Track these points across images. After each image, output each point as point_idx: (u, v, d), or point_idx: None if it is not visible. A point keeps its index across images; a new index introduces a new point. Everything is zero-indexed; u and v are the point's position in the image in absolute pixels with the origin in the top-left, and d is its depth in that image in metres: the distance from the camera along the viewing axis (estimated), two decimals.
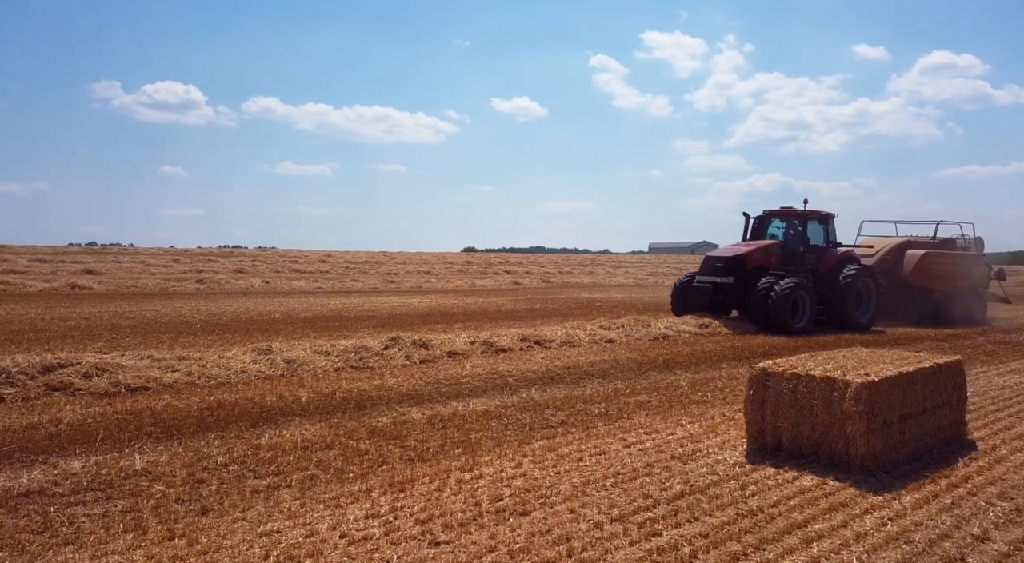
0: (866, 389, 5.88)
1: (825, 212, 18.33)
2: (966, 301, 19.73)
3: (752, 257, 16.95)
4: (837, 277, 17.07)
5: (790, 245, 17.75)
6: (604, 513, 4.94)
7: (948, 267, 19.69)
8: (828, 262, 17.55)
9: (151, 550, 4.28)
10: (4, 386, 8.11)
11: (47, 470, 5.69)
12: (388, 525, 4.68)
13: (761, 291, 15.99)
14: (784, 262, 17.35)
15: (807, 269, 17.27)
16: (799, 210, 17.88)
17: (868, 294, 17.77)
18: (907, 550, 4.41)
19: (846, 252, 18.03)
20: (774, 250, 17.45)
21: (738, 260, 16.88)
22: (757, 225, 18.26)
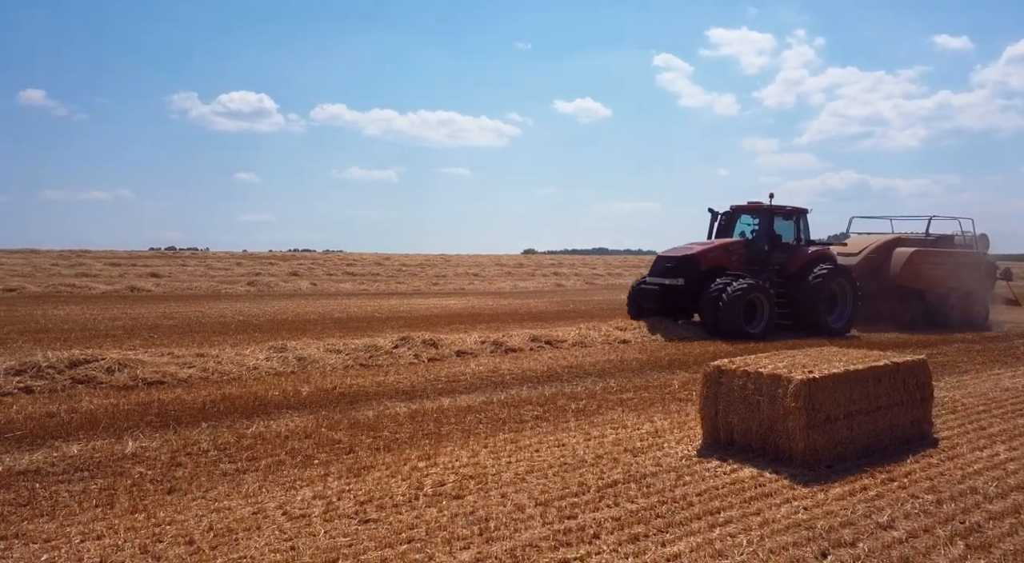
0: (805, 386, 6.07)
1: (796, 207, 17.04)
2: (964, 303, 18.46)
3: (706, 257, 15.68)
4: (807, 277, 15.85)
5: (758, 243, 16.45)
6: (532, 498, 5.29)
7: (942, 266, 18.37)
8: (798, 261, 16.32)
9: (112, 521, 4.82)
10: (34, 378, 8.89)
11: (48, 453, 6.34)
12: (329, 505, 5.14)
13: (712, 294, 14.79)
14: (749, 262, 16.12)
15: (774, 269, 16.07)
16: (767, 205, 16.47)
17: (844, 297, 16.51)
18: (803, 535, 4.63)
19: (818, 251, 16.77)
20: (735, 249, 16.21)
21: (689, 261, 15.55)
22: (724, 222, 17.04)
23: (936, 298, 18.18)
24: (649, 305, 15.78)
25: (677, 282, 15.32)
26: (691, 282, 15.22)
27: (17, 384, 8.73)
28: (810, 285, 15.69)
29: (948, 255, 18.90)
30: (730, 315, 14.48)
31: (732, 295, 14.52)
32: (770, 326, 15.16)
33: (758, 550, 4.39)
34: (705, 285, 15.10)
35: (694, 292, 15.11)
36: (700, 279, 15.21)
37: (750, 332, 14.68)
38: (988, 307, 19.27)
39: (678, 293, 15.34)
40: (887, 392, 6.76)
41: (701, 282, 15.13)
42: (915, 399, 7.08)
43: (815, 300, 15.69)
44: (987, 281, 19.62)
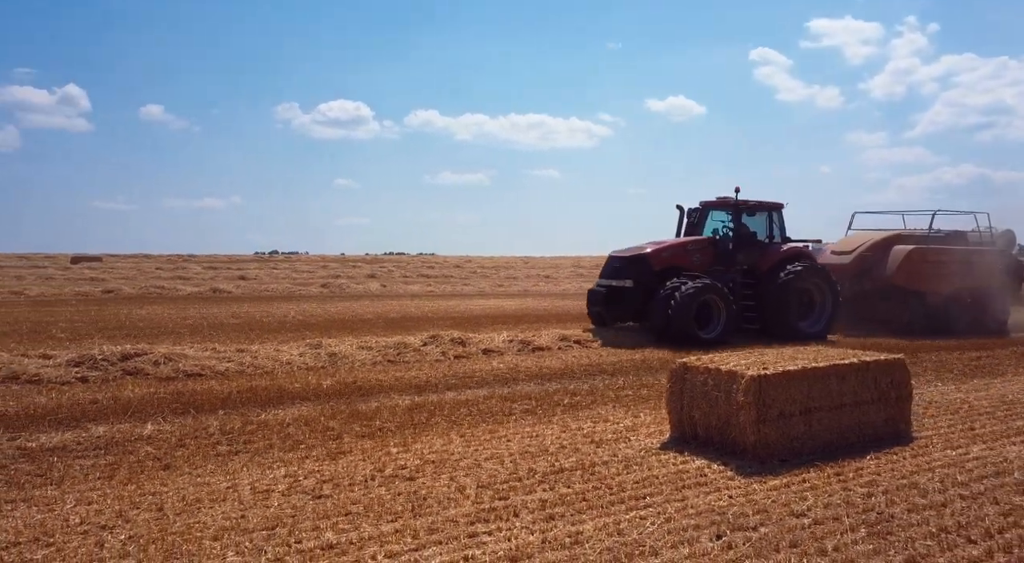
0: (755, 382, 6.29)
1: (769, 202, 15.95)
2: (976, 306, 17.04)
3: (659, 257, 14.58)
4: (777, 277, 14.78)
5: (724, 241, 15.49)
6: (477, 481, 5.75)
7: (947, 266, 16.87)
8: (768, 260, 15.20)
9: (105, 491, 5.56)
10: (90, 369, 9.93)
11: (78, 433, 7.21)
12: (293, 483, 5.74)
13: (663, 296, 13.75)
14: (716, 261, 15.11)
15: (742, 269, 15.09)
16: (734, 200, 15.37)
17: (822, 299, 15.41)
18: (709, 519, 4.91)
19: (792, 248, 15.65)
20: (697, 247, 15.10)
21: (639, 261, 14.54)
22: (695, 219, 15.94)
23: (940, 300, 16.77)
24: (596, 308, 14.96)
25: (624, 284, 14.37)
26: (641, 284, 14.21)
27: (75, 374, 9.78)
28: (778, 285, 14.65)
29: (955, 253, 17.41)
30: (680, 319, 13.50)
31: (682, 297, 13.53)
32: (728, 330, 14.12)
33: (657, 531, 4.72)
34: (658, 287, 14.14)
35: (645, 294, 14.12)
36: (652, 280, 14.22)
37: (703, 337, 13.66)
38: (1007, 311, 17.68)
39: (625, 295, 14.38)
40: (854, 390, 6.87)
41: (653, 284, 14.16)
42: (889, 398, 7.14)
43: (783, 302, 14.63)
44: (1011, 282, 18.00)
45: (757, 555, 4.38)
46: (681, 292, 13.59)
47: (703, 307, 13.91)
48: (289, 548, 4.48)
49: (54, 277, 35.33)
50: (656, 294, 13.93)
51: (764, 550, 4.45)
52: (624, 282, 14.32)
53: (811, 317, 15.31)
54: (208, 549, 4.47)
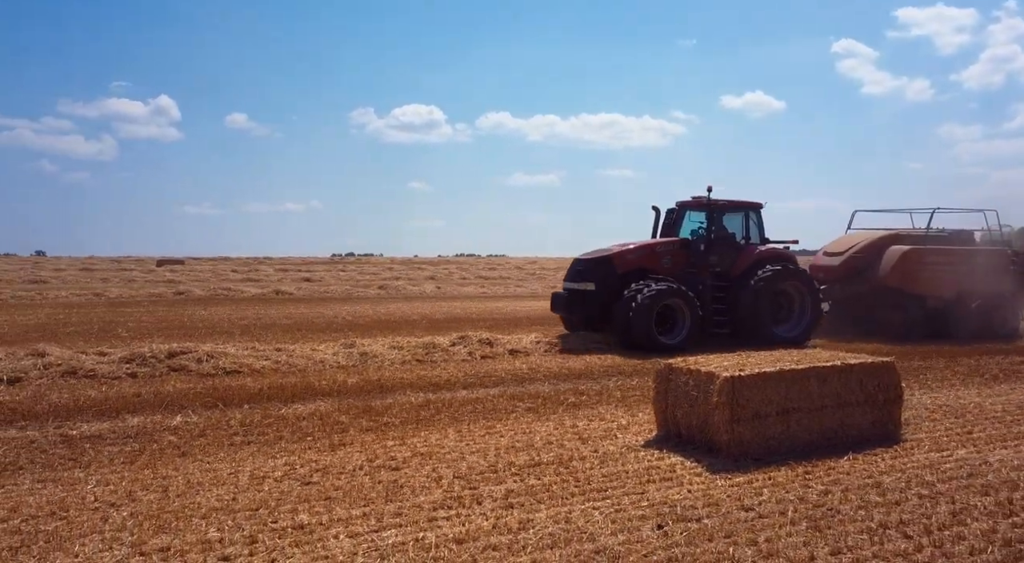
0: (729, 382, 6.52)
1: (747, 201, 15.30)
2: (984, 310, 15.99)
3: (624, 259, 14.04)
4: (750, 280, 14.13)
5: (696, 242, 14.86)
6: (455, 472, 6.17)
7: (948, 267, 15.95)
8: (743, 262, 14.53)
9: (123, 474, 6.21)
10: (139, 366, 10.78)
11: (115, 422, 7.95)
12: (288, 471, 6.28)
13: (624, 300, 13.31)
14: (690, 263, 14.52)
15: (715, 271, 14.43)
16: (707, 199, 14.68)
17: (802, 303, 14.75)
18: (656, 511, 5.20)
19: (769, 250, 14.90)
20: (668, 249, 14.51)
21: (603, 263, 14.02)
22: (671, 220, 15.36)
23: (941, 304, 15.89)
24: (558, 312, 14.71)
25: (586, 287, 13.91)
26: (604, 287, 13.72)
27: (126, 370, 10.63)
28: (751, 288, 13.99)
29: (958, 254, 16.44)
30: (640, 323, 13.04)
31: (642, 301, 13.07)
32: (693, 336, 13.58)
33: (603, 520, 5.05)
34: (623, 291, 13.60)
35: (608, 298, 13.60)
36: (617, 284, 13.68)
37: (665, 343, 13.21)
38: (1019, 316, 16.75)
39: (588, 299, 13.88)
40: (836, 392, 7.00)
41: (618, 287, 13.63)
42: (876, 400, 7.24)
43: (756, 305, 13.97)
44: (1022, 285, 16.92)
45: (688, 543, 4.66)
46: (641, 296, 13.18)
47: (667, 312, 13.56)
48: (264, 527, 4.99)
49: (136, 279, 37.44)
50: (619, 298, 13.52)
51: (696, 539, 4.73)
52: (586, 285, 13.93)
53: (790, 322, 14.75)
54: (195, 526, 5.02)
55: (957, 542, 4.72)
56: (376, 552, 4.54)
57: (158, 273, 42.06)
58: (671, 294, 13.41)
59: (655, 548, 4.60)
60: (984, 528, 4.94)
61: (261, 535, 4.84)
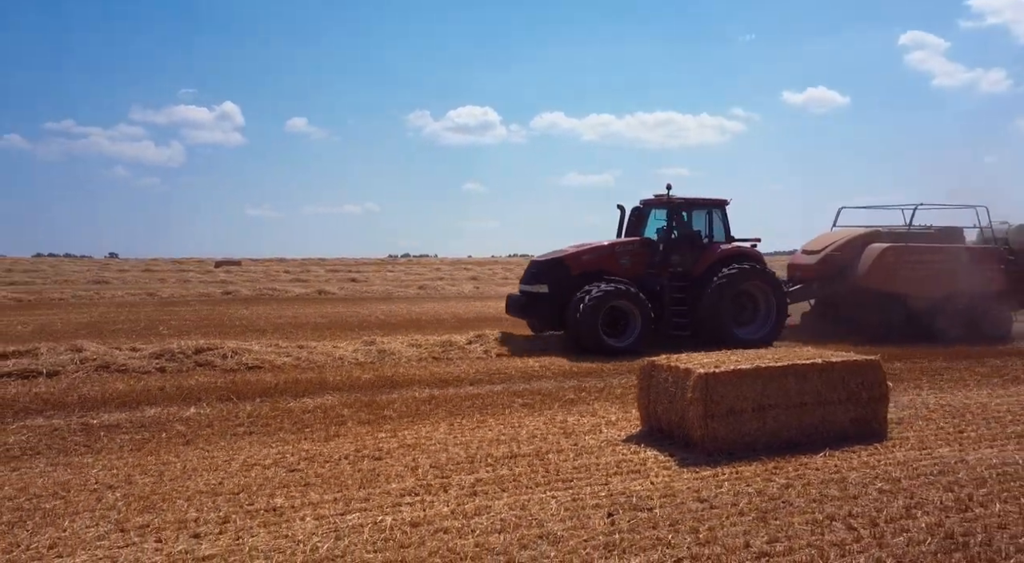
0: (702, 379, 6.66)
1: (710, 199, 14.80)
2: (973, 311, 15.32)
3: (578, 260, 13.77)
4: (711, 280, 13.72)
5: (659, 242, 14.49)
6: (433, 462, 6.46)
7: (932, 266, 15.29)
8: (704, 262, 14.10)
9: (127, 460, 6.68)
10: (168, 361, 11.36)
11: (133, 413, 8.47)
12: (278, 459, 6.65)
13: (575, 302, 13.02)
14: (651, 264, 14.21)
15: (676, 271, 14.04)
16: (668, 198, 14.34)
17: (767, 304, 14.28)
18: (612, 500, 5.40)
19: (732, 249, 14.38)
20: (628, 250, 14.17)
21: (556, 265, 13.80)
22: (635, 219, 14.93)
23: (924, 304, 15.17)
24: (513, 315, 14.53)
25: (540, 289, 13.68)
26: (557, 289, 13.47)
27: (155, 365, 11.24)
28: (711, 289, 13.60)
29: (943, 252, 15.76)
30: (587, 326, 12.78)
31: (587, 303, 12.82)
32: (644, 338, 13.23)
33: (558, 508, 5.28)
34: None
35: (561, 300, 13.32)
36: (571, 286, 13.40)
37: (614, 346, 12.98)
38: (1011, 317, 16.14)
39: (541, 301, 13.64)
40: (815, 390, 7.07)
41: (573, 289, 13.32)
42: (860, 398, 7.28)
43: (716, 306, 13.56)
44: (1019, 284, 16.28)
45: (631, 531, 4.86)
46: (588, 298, 12.93)
47: (618, 314, 13.31)
48: (240, 508, 5.36)
49: (191, 280, 38.86)
50: (571, 300, 13.23)
51: (641, 527, 4.93)
52: (539, 287, 13.73)
53: (754, 323, 14.29)
54: (178, 507, 5.42)
55: (898, 534, 4.81)
56: (334, 533, 4.85)
57: (214, 274, 43.51)
58: (618, 296, 13.10)
59: (598, 534, 4.80)
60: (931, 522, 5.01)
61: (235, 516, 5.20)
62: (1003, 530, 4.89)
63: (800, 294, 16.15)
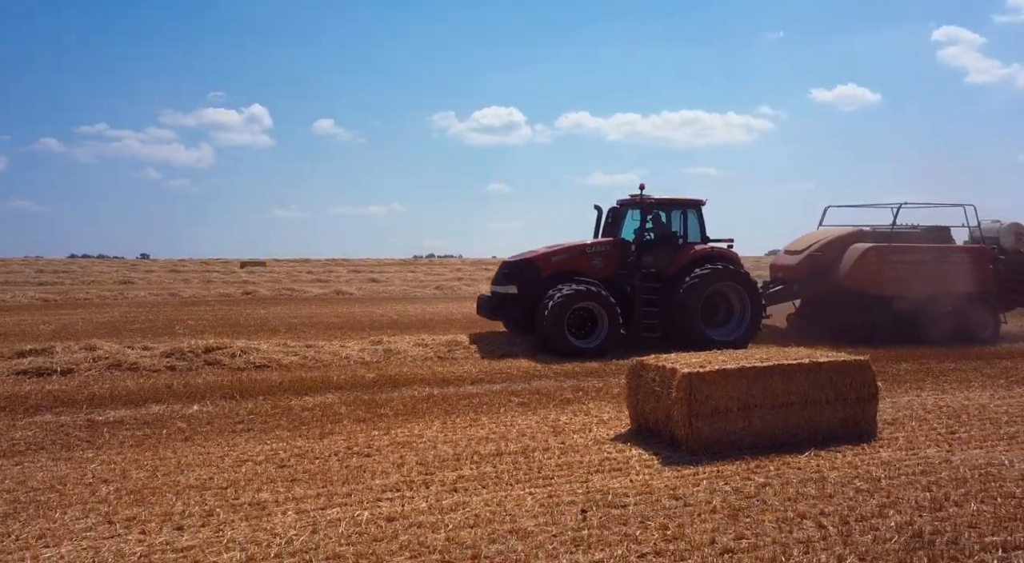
0: (686, 379, 6.73)
1: (685, 199, 14.58)
2: (960, 312, 15.08)
3: (548, 261, 13.65)
4: (683, 281, 13.49)
5: (632, 243, 14.27)
6: (419, 459, 6.60)
7: (917, 266, 14.97)
8: (678, 262, 13.88)
9: (126, 454, 6.89)
10: (178, 360, 11.62)
11: (137, 410, 8.70)
12: (270, 455, 6.82)
13: (542, 303, 12.93)
14: (624, 264, 14.05)
15: (650, 272, 13.87)
16: (640, 198, 14.16)
17: (742, 305, 14.03)
18: (586, 497, 5.49)
19: (705, 249, 14.15)
20: (600, 250, 14.04)
21: (526, 266, 13.71)
22: (611, 219, 14.82)
23: (909, 306, 14.95)
24: (484, 316, 14.35)
25: (509, 290, 13.59)
26: (527, 290, 13.38)
27: (165, 364, 11.49)
28: (683, 290, 13.36)
29: (928, 252, 15.46)
30: (553, 327, 12.71)
31: (553, 305, 12.74)
32: (611, 339, 13.15)
33: (533, 505, 5.38)
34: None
35: (531, 301, 13.23)
36: (541, 286, 13.30)
37: (580, 347, 12.87)
38: (1000, 318, 15.91)
39: (510, 302, 13.56)
40: (802, 390, 7.10)
41: (543, 290, 13.20)
42: (848, 399, 7.29)
43: (687, 306, 13.33)
44: (1013, 284, 16.02)
45: (601, 526, 4.95)
46: (554, 300, 12.83)
47: (587, 315, 13.21)
48: (225, 502, 5.53)
49: (214, 280, 39.36)
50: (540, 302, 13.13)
51: (611, 523, 5.02)
52: (509, 289, 13.63)
53: (728, 324, 14.09)
54: (166, 500, 5.60)
55: (866, 532, 4.85)
56: (311, 527, 5.00)
57: (237, 274, 44.08)
58: (585, 297, 13.00)
59: (567, 529, 4.90)
60: (902, 521, 5.04)
61: (219, 509, 5.37)
62: (972, 529, 4.92)
63: (782, 295, 15.92)
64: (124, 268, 49.52)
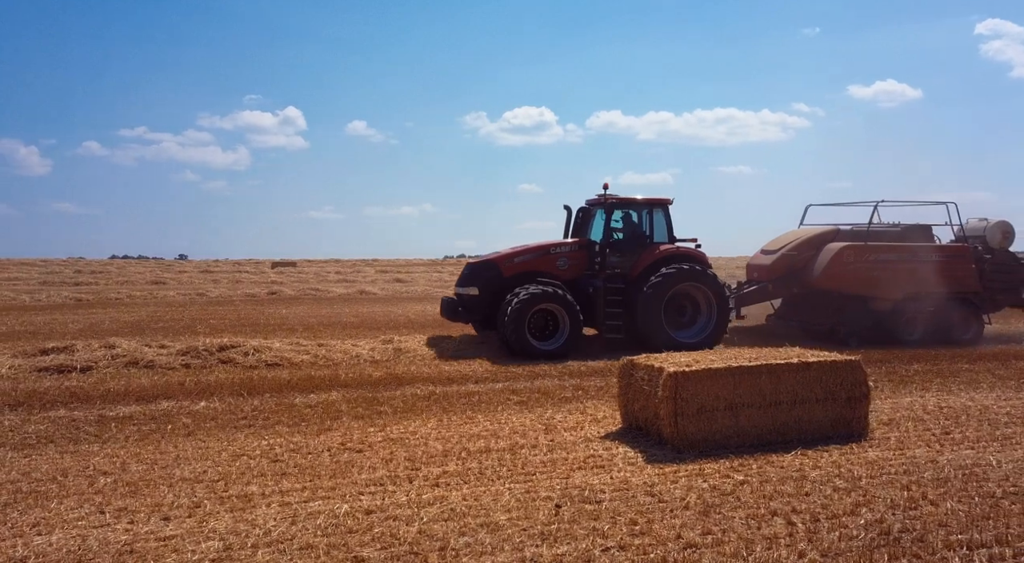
0: (672, 378, 6.79)
1: (651, 199, 14.34)
2: (936, 314, 14.80)
3: (510, 262, 13.59)
4: (646, 282, 13.29)
5: (596, 243, 14.10)
6: (408, 455, 6.75)
7: (894, 266, 14.65)
8: (642, 263, 13.69)
9: (130, 449, 7.14)
10: (193, 358, 11.92)
11: (147, 406, 8.97)
12: (266, 450, 7.02)
13: (503, 305, 12.84)
14: (590, 265, 13.91)
15: (615, 273, 13.67)
16: (605, 197, 14.01)
17: (708, 306, 13.77)
18: (564, 492, 5.60)
19: (669, 249, 13.87)
20: (565, 251, 13.91)
21: (488, 267, 13.70)
22: (581, 219, 14.62)
23: (887, 307, 14.64)
24: (447, 317, 14.16)
25: (470, 292, 13.57)
26: (488, 292, 13.33)
27: (180, 362, 11.80)
28: (647, 290, 13.18)
29: (907, 252, 15.08)
30: (513, 329, 12.58)
31: (513, 307, 12.62)
32: (573, 341, 13.02)
33: (509, 500, 5.50)
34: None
35: (493, 303, 13.16)
36: (503, 288, 13.21)
37: (541, 349, 12.73)
38: (984, 319, 15.59)
39: (472, 304, 13.55)
40: (791, 389, 7.12)
41: (505, 292, 13.10)
42: (839, 398, 7.29)
43: (650, 308, 13.13)
44: (999, 284, 15.70)
45: (571, 521, 5.06)
46: (514, 301, 12.72)
47: (548, 317, 13.07)
48: (214, 494, 5.73)
49: (243, 281, 40.03)
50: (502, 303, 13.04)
51: (582, 518, 5.12)
52: (470, 290, 13.61)
53: (695, 326, 13.85)
54: (159, 492, 5.82)
55: (834, 530, 4.90)
56: (291, 518, 5.18)
57: (267, 274, 44.84)
58: (546, 298, 12.86)
59: (537, 523, 5.01)
60: (873, 519, 5.07)
61: (207, 501, 5.57)
62: (943, 527, 4.93)
63: (756, 295, 15.64)
64: (159, 269, 50.56)
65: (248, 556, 4.55)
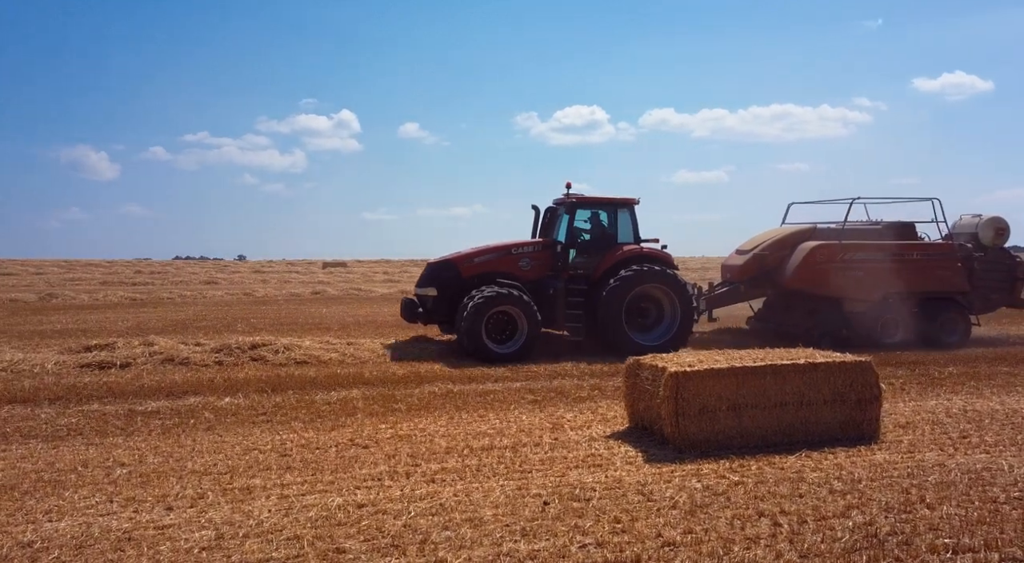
0: (673, 377, 6.79)
1: (614, 199, 14.07)
2: (918, 315, 14.29)
3: (469, 263, 13.38)
4: (607, 283, 12.97)
5: (559, 243, 13.74)
6: (410, 451, 6.88)
7: (869, 265, 14.06)
8: (604, 264, 13.39)
9: (152, 442, 7.43)
10: (226, 355, 12.29)
11: (174, 401, 9.30)
12: (275, 445, 7.24)
13: (461, 307, 12.59)
14: (554, 265, 13.54)
15: (578, 274, 13.44)
16: (567, 196, 13.79)
17: (672, 308, 13.38)
18: (557, 491, 5.66)
19: (633, 250, 13.54)
20: (528, 251, 13.63)
21: (446, 267, 13.47)
22: (548, 219, 14.37)
23: (863, 308, 14.14)
24: (405, 319, 13.86)
25: (429, 292, 13.34)
26: (446, 293, 13.11)
27: (214, 359, 12.18)
28: (607, 292, 12.85)
29: (885, 250, 14.47)
30: (470, 331, 12.33)
31: (469, 309, 12.38)
32: (531, 344, 12.69)
33: (499, 495, 5.59)
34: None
35: (451, 304, 12.94)
36: (462, 289, 12.99)
37: (498, 352, 12.43)
38: (971, 321, 14.89)
39: (430, 305, 13.31)
40: (797, 390, 7.05)
41: (464, 293, 12.84)
42: (848, 400, 7.19)
43: (611, 309, 12.82)
44: (993, 284, 15.14)
45: (556, 518, 5.12)
46: (471, 303, 12.48)
47: (507, 319, 12.77)
48: (219, 486, 5.95)
49: (291, 281, 40.92)
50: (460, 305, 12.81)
51: (567, 515, 5.18)
52: (428, 291, 13.40)
53: (659, 328, 13.49)
54: (168, 483, 6.06)
55: (819, 531, 4.86)
56: (285, 510, 5.35)
57: (316, 275, 45.77)
58: (503, 300, 12.57)
59: (520, 519, 5.09)
60: (862, 521, 5.02)
61: (210, 493, 5.79)
62: (933, 531, 4.86)
63: (728, 297, 15.23)
64: (215, 269, 51.87)
65: (237, 546, 4.73)
